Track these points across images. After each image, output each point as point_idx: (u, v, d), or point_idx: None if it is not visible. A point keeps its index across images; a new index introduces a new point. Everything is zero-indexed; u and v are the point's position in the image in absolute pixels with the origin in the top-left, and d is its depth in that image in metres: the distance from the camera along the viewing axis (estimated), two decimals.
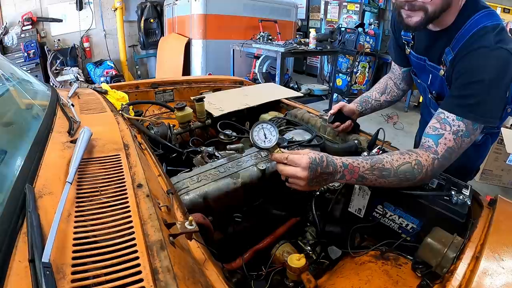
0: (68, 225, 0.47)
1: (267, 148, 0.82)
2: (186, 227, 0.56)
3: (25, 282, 0.37)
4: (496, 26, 0.80)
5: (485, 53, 0.78)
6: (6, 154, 0.68)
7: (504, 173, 2.77)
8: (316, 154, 0.78)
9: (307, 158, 0.76)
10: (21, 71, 1.21)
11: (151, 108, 1.57)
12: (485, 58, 0.77)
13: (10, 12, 4.29)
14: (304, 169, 0.76)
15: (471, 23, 0.82)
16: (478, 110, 0.79)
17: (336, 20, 5.96)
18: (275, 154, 0.81)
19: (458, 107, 0.81)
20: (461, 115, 0.80)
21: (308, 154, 0.78)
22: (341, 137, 1.27)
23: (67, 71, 4.44)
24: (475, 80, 0.78)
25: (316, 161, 0.77)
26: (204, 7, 4.24)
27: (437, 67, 0.96)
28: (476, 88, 0.78)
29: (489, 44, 0.78)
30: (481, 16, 0.82)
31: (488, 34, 0.79)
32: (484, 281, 0.60)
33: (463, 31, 0.84)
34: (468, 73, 0.80)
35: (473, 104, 0.79)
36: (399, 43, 1.11)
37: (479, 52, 0.78)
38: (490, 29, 0.80)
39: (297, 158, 0.77)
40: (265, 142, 0.82)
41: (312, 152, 0.79)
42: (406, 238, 0.87)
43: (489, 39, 0.78)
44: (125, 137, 0.83)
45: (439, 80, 0.97)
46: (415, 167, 0.81)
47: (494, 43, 0.77)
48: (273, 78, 4.14)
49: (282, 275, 0.88)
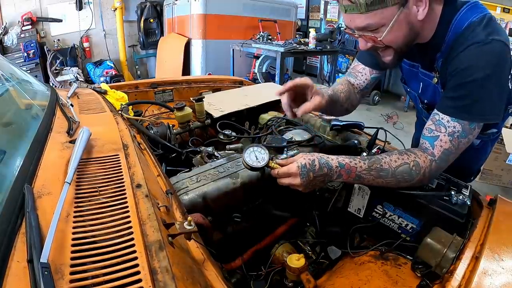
0: (66, 225, 0.47)
1: (260, 167, 0.85)
2: (185, 227, 0.56)
3: (24, 282, 0.37)
4: (482, 18, 0.76)
5: (477, 49, 0.73)
6: (5, 154, 0.68)
7: (504, 173, 2.76)
8: (306, 159, 0.79)
9: (296, 167, 0.78)
10: (20, 71, 1.20)
11: (151, 108, 1.57)
12: (476, 56, 0.74)
13: (10, 12, 4.29)
14: (295, 176, 0.79)
15: (456, 23, 0.79)
16: (474, 109, 0.76)
17: (336, 20, 5.97)
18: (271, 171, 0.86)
19: (452, 108, 0.78)
20: (456, 116, 0.78)
21: (297, 161, 0.79)
22: (341, 137, 1.27)
23: (66, 71, 4.44)
24: (468, 80, 0.75)
25: (306, 167, 0.78)
26: (204, 7, 4.25)
27: (429, 75, 0.93)
28: (469, 88, 0.75)
29: (480, 39, 0.73)
30: (464, 12, 0.78)
31: (477, 29, 0.75)
32: (483, 281, 0.60)
33: (450, 34, 0.80)
34: (461, 73, 0.76)
35: (467, 105, 0.76)
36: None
37: (470, 49, 0.74)
38: (477, 23, 0.76)
39: (287, 169, 0.80)
40: (260, 162, 0.85)
41: (303, 157, 0.80)
42: (406, 238, 0.87)
43: (479, 34, 0.74)
44: (124, 137, 0.83)
45: (432, 88, 0.94)
46: (413, 168, 0.80)
47: (485, 37, 0.73)
48: (273, 78, 4.14)
49: (281, 275, 0.88)
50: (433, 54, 0.87)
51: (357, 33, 0.81)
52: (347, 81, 1.10)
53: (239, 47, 4.06)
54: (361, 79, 1.09)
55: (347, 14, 0.78)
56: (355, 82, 1.10)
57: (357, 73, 1.10)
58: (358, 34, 0.81)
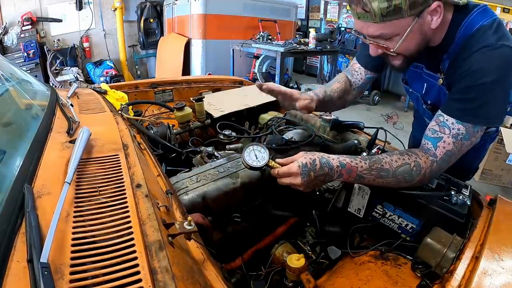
0: (66, 225, 0.47)
1: (259, 167, 0.84)
2: (185, 227, 0.56)
3: (23, 282, 0.37)
4: (492, 22, 0.77)
5: (488, 53, 0.74)
6: (5, 154, 0.68)
7: (504, 172, 2.76)
8: (307, 158, 0.78)
9: (296, 167, 0.78)
10: (20, 71, 1.21)
11: (151, 108, 1.57)
12: (487, 59, 0.74)
13: (10, 12, 4.29)
14: (296, 176, 0.78)
15: (466, 26, 0.79)
16: (480, 113, 0.76)
17: (336, 20, 5.97)
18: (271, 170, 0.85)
19: (458, 111, 0.78)
20: (461, 119, 0.77)
21: (298, 160, 0.78)
22: (341, 137, 1.27)
23: (66, 71, 4.44)
24: (477, 83, 0.74)
25: (307, 166, 0.77)
26: (204, 7, 4.24)
27: (434, 76, 0.92)
28: (477, 92, 0.75)
29: (490, 42, 0.74)
30: (475, 15, 0.78)
31: (487, 32, 0.75)
32: (483, 281, 0.60)
33: (459, 35, 0.80)
34: (470, 76, 0.75)
35: (474, 108, 0.76)
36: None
37: (481, 52, 0.74)
38: (487, 27, 0.76)
39: (287, 169, 0.79)
40: (259, 162, 0.84)
41: (303, 156, 0.79)
42: (406, 238, 0.87)
43: (489, 37, 0.75)
44: (124, 137, 0.83)
45: (437, 89, 0.93)
46: (414, 168, 0.80)
47: (495, 41, 0.73)
48: (272, 78, 4.14)
49: (281, 275, 0.88)
50: (439, 55, 0.86)
51: (368, 40, 0.80)
52: (346, 77, 1.12)
53: (239, 47, 4.06)
54: (356, 78, 1.12)
55: (359, 21, 0.77)
56: (351, 79, 1.12)
57: (354, 71, 1.12)
58: (369, 41, 0.80)
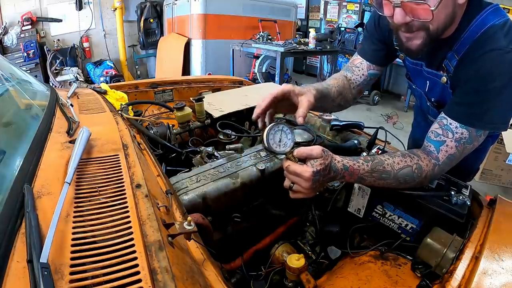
0: (66, 226, 0.47)
1: (280, 152, 0.74)
2: (185, 227, 0.56)
3: (23, 282, 0.37)
4: (504, 23, 0.73)
5: (499, 56, 0.70)
6: (5, 154, 0.68)
7: (504, 172, 2.77)
8: (322, 165, 0.72)
9: (310, 173, 0.71)
10: (20, 71, 1.20)
11: (151, 108, 1.57)
12: (497, 63, 0.71)
13: (9, 12, 4.29)
14: (307, 181, 0.72)
15: (477, 23, 0.75)
16: (485, 118, 0.74)
17: (335, 20, 5.97)
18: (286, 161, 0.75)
19: (462, 115, 0.76)
20: (465, 123, 0.75)
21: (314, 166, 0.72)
22: (340, 137, 1.27)
23: (66, 71, 4.44)
24: (485, 88, 0.72)
25: (320, 173, 0.72)
26: (204, 7, 4.25)
27: (437, 73, 0.89)
28: (484, 96, 0.73)
29: (501, 45, 0.71)
30: (487, 14, 0.75)
31: (498, 33, 0.72)
32: (483, 281, 0.60)
33: (468, 33, 0.76)
34: (478, 79, 0.72)
35: (479, 113, 0.74)
36: (391, 47, 0.97)
37: (492, 55, 0.71)
38: (499, 27, 0.73)
39: (300, 171, 0.72)
40: (280, 147, 0.74)
41: (320, 163, 0.72)
42: (406, 238, 0.87)
43: (501, 39, 0.72)
44: (124, 137, 0.83)
45: (440, 87, 0.90)
46: (415, 171, 0.79)
47: (506, 44, 0.71)
48: (272, 78, 4.14)
49: (281, 275, 0.88)
50: (443, 52, 0.83)
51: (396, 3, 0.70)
52: (343, 76, 1.04)
53: (239, 47, 4.06)
54: (357, 74, 1.03)
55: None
56: (351, 77, 1.04)
57: (354, 67, 1.04)
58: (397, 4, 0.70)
